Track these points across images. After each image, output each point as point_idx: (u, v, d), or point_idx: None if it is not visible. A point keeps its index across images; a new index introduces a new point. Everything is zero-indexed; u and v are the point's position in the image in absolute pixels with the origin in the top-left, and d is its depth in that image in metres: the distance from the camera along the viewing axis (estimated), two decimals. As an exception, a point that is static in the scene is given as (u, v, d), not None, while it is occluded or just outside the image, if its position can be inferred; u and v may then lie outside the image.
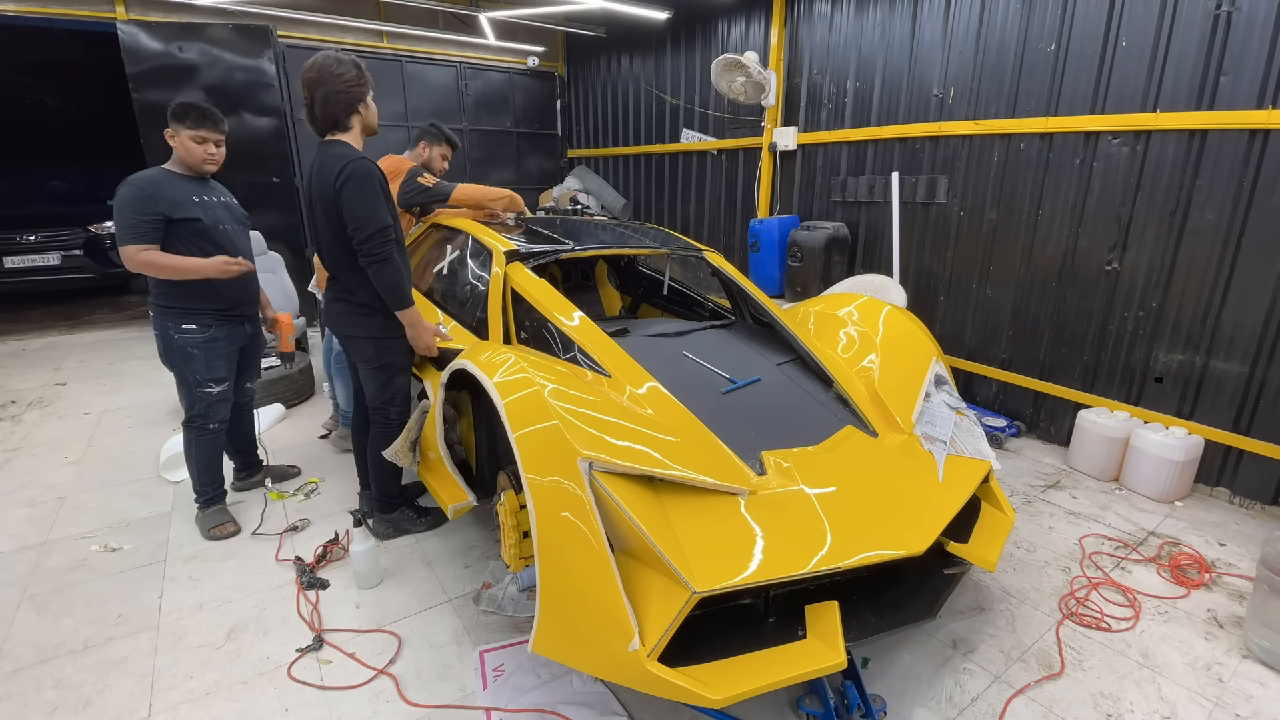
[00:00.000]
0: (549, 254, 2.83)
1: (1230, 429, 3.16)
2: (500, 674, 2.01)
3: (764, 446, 2.03)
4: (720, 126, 6.04)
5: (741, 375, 2.40)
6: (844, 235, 4.78)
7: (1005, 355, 4.05)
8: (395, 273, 2.38)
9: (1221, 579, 2.59)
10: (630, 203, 7.47)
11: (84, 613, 2.31)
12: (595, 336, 2.37)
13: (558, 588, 1.63)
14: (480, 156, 7.79)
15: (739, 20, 5.60)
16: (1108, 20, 3.29)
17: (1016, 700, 1.95)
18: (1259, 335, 3.01)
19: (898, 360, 2.56)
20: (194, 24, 5.60)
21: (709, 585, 1.51)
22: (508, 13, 6.68)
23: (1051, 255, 3.71)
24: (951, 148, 4.11)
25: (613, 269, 4.05)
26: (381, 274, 2.36)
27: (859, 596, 1.93)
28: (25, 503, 3.09)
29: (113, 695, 1.94)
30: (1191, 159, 3.11)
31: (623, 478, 1.68)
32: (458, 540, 2.77)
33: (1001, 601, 2.41)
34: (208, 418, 2.74)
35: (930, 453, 2.17)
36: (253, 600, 2.38)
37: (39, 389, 4.68)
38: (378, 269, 2.35)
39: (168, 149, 2.61)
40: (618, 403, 2.05)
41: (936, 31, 4.11)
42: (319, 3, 6.39)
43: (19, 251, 6.62)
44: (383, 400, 2.61)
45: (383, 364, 2.56)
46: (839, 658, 1.58)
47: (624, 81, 7.19)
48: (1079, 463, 3.53)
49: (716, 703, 1.45)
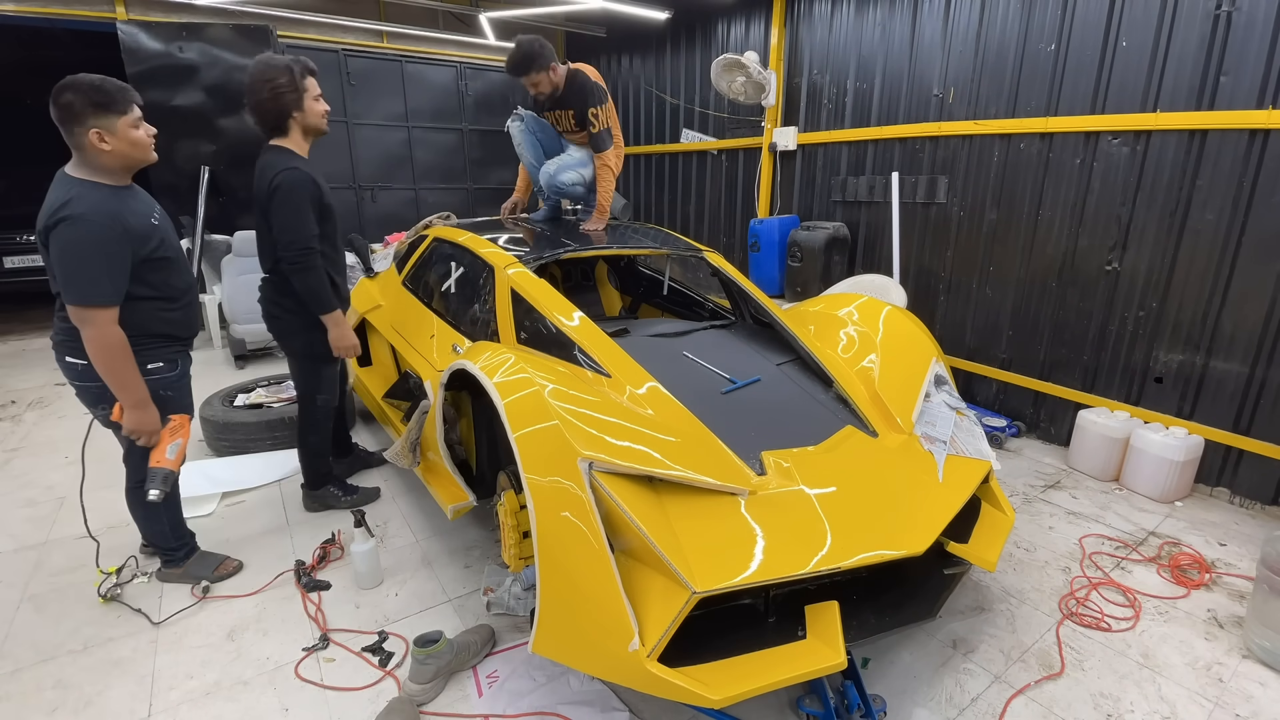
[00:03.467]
0: (549, 255, 2.84)
1: (1230, 429, 3.16)
2: (495, 680, 2.00)
3: (764, 446, 2.03)
4: (720, 126, 6.04)
5: (741, 375, 2.40)
6: (844, 235, 4.78)
7: (1005, 355, 4.05)
8: (316, 280, 2.51)
9: (1221, 579, 2.59)
10: (630, 203, 7.46)
11: (84, 613, 2.31)
12: (595, 336, 2.37)
13: (558, 588, 1.63)
14: (480, 156, 7.79)
15: (739, 20, 5.60)
16: (1108, 20, 3.29)
17: (1016, 700, 1.95)
18: (1259, 335, 3.01)
19: (898, 360, 2.56)
20: (194, 24, 5.61)
21: (709, 585, 1.51)
22: (508, 13, 6.68)
23: (1051, 255, 3.71)
24: (951, 148, 4.11)
25: (613, 269, 4.05)
26: (301, 281, 2.49)
27: (859, 596, 1.93)
28: (25, 503, 3.09)
29: (113, 695, 1.94)
30: (1191, 159, 3.11)
31: (623, 478, 1.68)
32: (458, 540, 2.77)
33: (1001, 601, 2.41)
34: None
35: (930, 453, 2.17)
36: (252, 600, 2.38)
37: (39, 389, 4.68)
38: (299, 277, 2.48)
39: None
40: (618, 403, 2.05)
41: (936, 31, 4.11)
42: (319, 3, 6.39)
43: (19, 251, 6.63)
44: (308, 389, 2.78)
45: (310, 354, 2.71)
46: (839, 658, 1.58)
47: (624, 81, 7.19)
48: (1079, 463, 3.53)
49: (716, 703, 1.45)
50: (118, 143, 1.96)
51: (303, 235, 2.42)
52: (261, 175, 2.43)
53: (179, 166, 5.62)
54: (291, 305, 2.61)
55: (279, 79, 2.38)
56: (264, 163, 2.46)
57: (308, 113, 2.48)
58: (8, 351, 5.65)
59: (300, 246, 2.43)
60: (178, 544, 2.46)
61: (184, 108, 5.59)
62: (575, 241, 3.06)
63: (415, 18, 6.98)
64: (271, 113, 2.42)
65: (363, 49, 6.84)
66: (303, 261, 2.44)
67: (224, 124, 5.79)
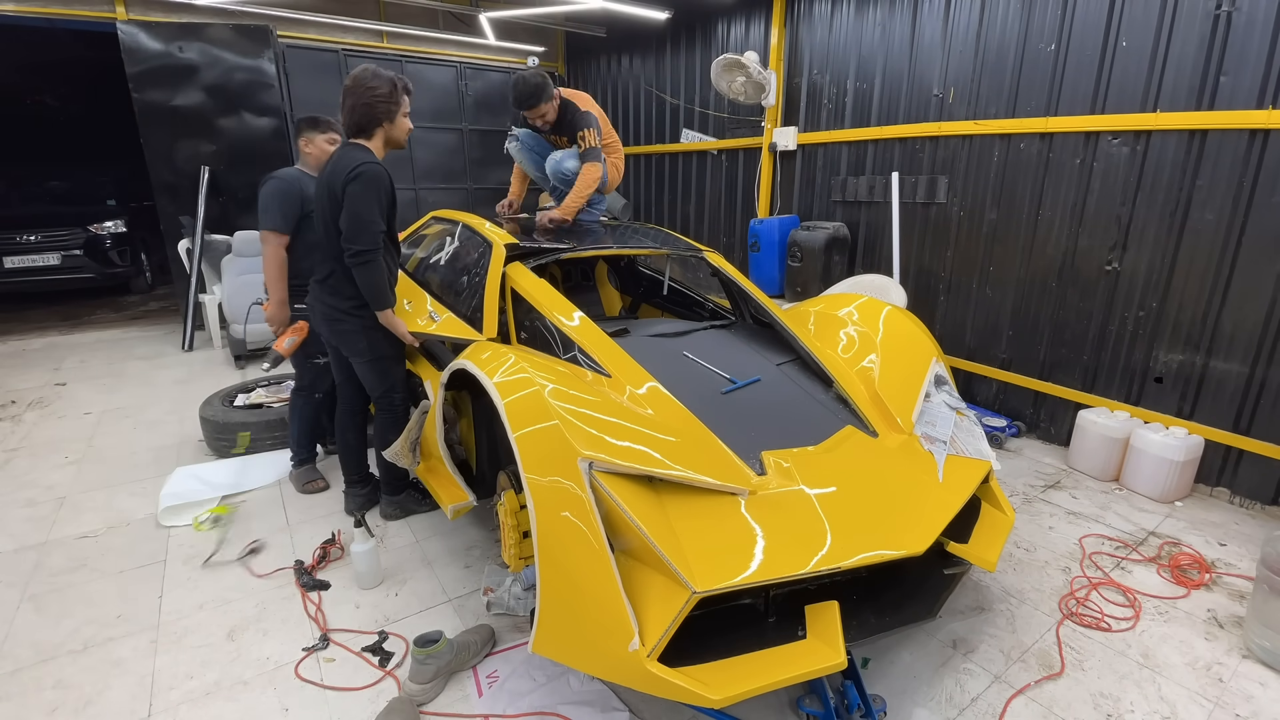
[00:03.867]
0: (549, 254, 2.84)
1: (1230, 429, 3.16)
2: (495, 680, 2.00)
3: (764, 446, 2.03)
4: (720, 126, 6.04)
5: (741, 375, 2.40)
6: (844, 235, 4.78)
7: (1005, 355, 4.05)
8: (378, 274, 2.48)
9: (1221, 579, 2.59)
10: (630, 203, 7.46)
11: (84, 613, 2.31)
12: (595, 336, 2.37)
13: (558, 588, 1.63)
14: (480, 156, 7.79)
15: (739, 20, 5.60)
16: (1108, 20, 3.29)
17: (1016, 700, 1.95)
18: (1259, 335, 3.01)
19: (898, 360, 2.56)
20: (194, 24, 5.60)
21: (709, 585, 1.51)
22: (508, 13, 6.67)
23: (1051, 255, 3.71)
24: (951, 148, 4.11)
25: (613, 269, 4.05)
26: (364, 275, 2.46)
27: (859, 596, 1.93)
28: (25, 503, 3.09)
29: (113, 695, 1.94)
30: (1191, 159, 3.11)
31: (623, 478, 1.68)
32: (458, 540, 2.77)
33: (1001, 601, 2.41)
34: (315, 387, 3.13)
35: (930, 453, 2.17)
36: (253, 600, 2.38)
37: (39, 389, 4.68)
38: (361, 270, 2.45)
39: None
40: (618, 403, 2.05)
41: (936, 31, 4.11)
42: (319, 3, 6.39)
43: (19, 251, 6.61)
44: (385, 389, 2.72)
45: (375, 355, 2.66)
46: (839, 658, 1.58)
47: (624, 81, 7.19)
48: (1079, 463, 3.53)
49: (716, 703, 1.45)
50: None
51: (372, 228, 2.42)
52: (340, 165, 2.42)
53: (179, 166, 5.61)
54: (350, 308, 2.57)
55: (380, 88, 2.43)
56: (342, 156, 2.45)
57: (397, 126, 2.54)
58: (8, 351, 5.65)
59: (368, 239, 2.41)
60: (296, 450, 3.22)
61: (184, 108, 5.58)
62: (574, 241, 3.06)
63: (415, 18, 6.98)
64: (364, 116, 2.45)
65: (363, 49, 6.84)
66: (368, 255, 2.42)
67: (224, 124, 5.78)
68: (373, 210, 2.41)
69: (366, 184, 2.37)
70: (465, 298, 2.76)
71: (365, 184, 2.37)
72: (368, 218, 2.40)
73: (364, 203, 2.38)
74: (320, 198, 2.51)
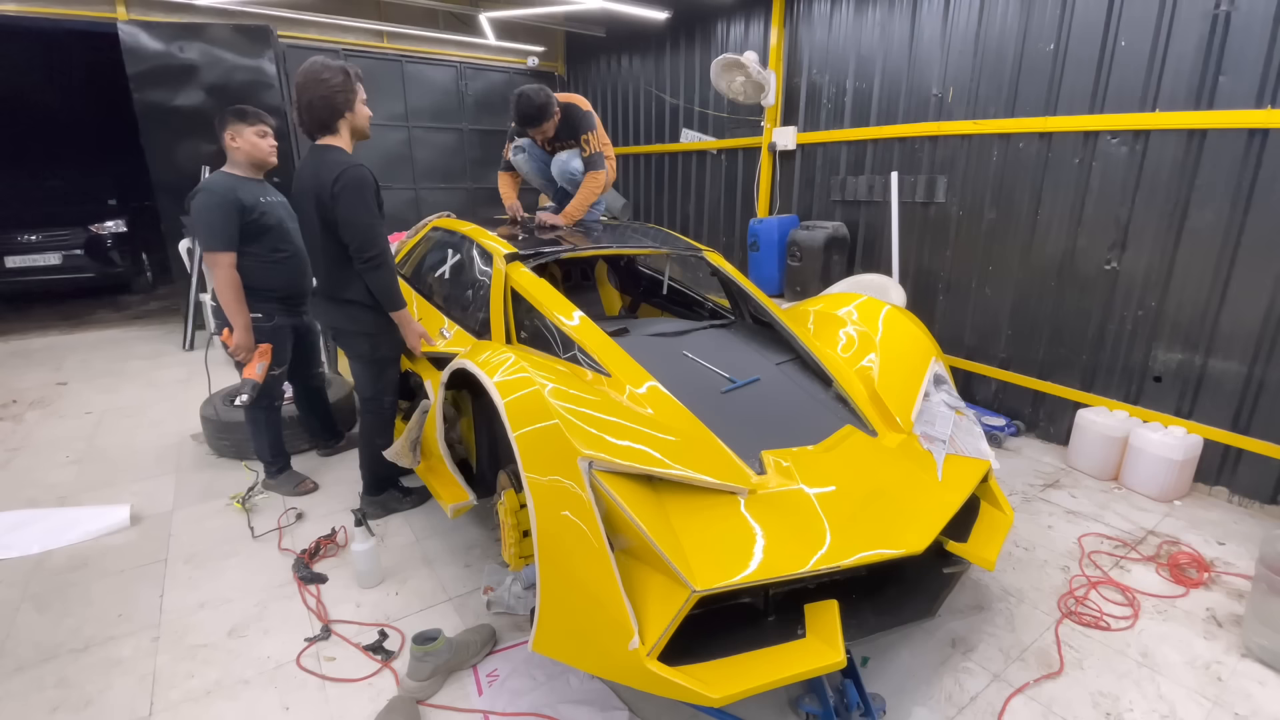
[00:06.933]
0: (549, 254, 2.84)
1: (1229, 428, 3.16)
2: (495, 678, 2.01)
3: (763, 446, 2.03)
4: (720, 126, 6.04)
5: (741, 375, 2.40)
6: (843, 235, 4.78)
7: (1004, 355, 4.06)
8: (390, 276, 2.49)
9: (1220, 578, 2.59)
10: (630, 203, 7.46)
11: (85, 612, 2.32)
12: (595, 336, 2.38)
13: (558, 587, 1.63)
14: (480, 156, 7.80)
15: (739, 20, 5.60)
16: (1107, 20, 3.29)
17: (1016, 699, 1.95)
18: (1258, 334, 3.01)
19: (897, 360, 2.56)
20: (194, 24, 5.60)
21: (709, 584, 1.51)
22: (508, 13, 6.68)
23: (1050, 254, 3.72)
24: (950, 147, 4.12)
25: (612, 269, 4.05)
26: (377, 278, 2.47)
27: (858, 595, 1.93)
28: (27, 502, 3.09)
29: (114, 694, 1.95)
30: (1191, 159, 3.11)
31: (623, 477, 1.68)
32: (458, 540, 2.77)
33: (1001, 600, 2.41)
34: (273, 397, 3.02)
35: (929, 452, 2.18)
36: (253, 599, 2.39)
37: (40, 388, 4.68)
38: (375, 274, 2.46)
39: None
40: (617, 402, 2.06)
41: (935, 31, 4.11)
42: (319, 3, 6.40)
43: (19, 251, 6.62)
44: (375, 392, 2.74)
45: (376, 358, 2.67)
46: (838, 656, 1.58)
47: (624, 81, 7.20)
48: (1078, 462, 3.54)
49: (716, 701, 1.46)
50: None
51: (376, 231, 2.40)
52: (320, 173, 2.35)
53: (179, 166, 5.60)
54: (354, 311, 2.56)
55: (334, 78, 2.37)
56: (323, 160, 2.38)
57: (358, 115, 2.48)
58: (9, 351, 5.66)
59: (376, 242, 2.39)
60: (273, 460, 3.12)
61: (184, 108, 5.58)
62: (574, 241, 3.07)
63: (415, 18, 6.98)
64: (324, 109, 2.39)
65: (363, 49, 6.85)
66: (379, 258, 2.41)
67: (224, 124, 5.79)
68: (372, 214, 2.41)
69: (356, 190, 2.35)
70: (472, 312, 2.77)
71: (355, 191, 2.34)
72: (370, 223, 2.40)
73: (362, 210, 2.37)
74: (304, 207, 2.47)
